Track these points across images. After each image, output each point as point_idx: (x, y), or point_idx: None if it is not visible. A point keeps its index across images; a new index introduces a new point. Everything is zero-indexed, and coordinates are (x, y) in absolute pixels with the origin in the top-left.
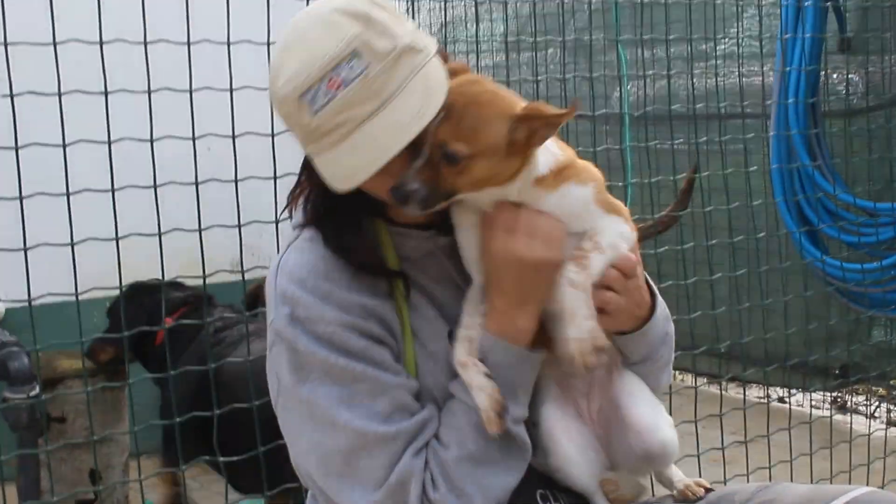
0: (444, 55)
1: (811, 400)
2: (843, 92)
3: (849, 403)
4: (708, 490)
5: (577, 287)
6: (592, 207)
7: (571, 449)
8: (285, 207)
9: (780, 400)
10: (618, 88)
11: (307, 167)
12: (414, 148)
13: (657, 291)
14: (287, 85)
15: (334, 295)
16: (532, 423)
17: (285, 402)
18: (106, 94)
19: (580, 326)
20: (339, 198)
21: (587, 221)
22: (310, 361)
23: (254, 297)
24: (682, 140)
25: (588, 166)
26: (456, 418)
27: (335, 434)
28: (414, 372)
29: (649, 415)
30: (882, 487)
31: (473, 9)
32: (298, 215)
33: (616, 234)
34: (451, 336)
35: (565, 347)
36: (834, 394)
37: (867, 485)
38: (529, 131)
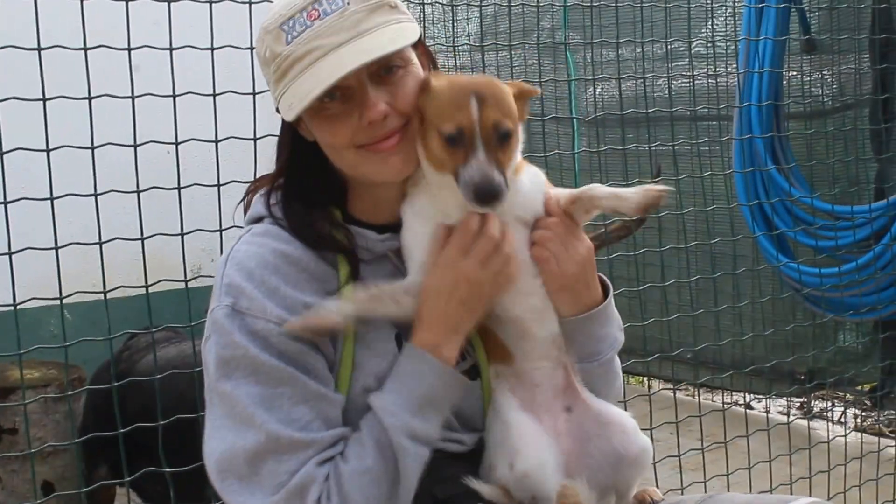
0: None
1: (768, 405)
2: (807, 94)
3: (815, 409)
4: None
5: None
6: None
7: (541, 452)
8: (241, 202)
9: (748, 406)
10: (587, 89)
11: (284, 154)
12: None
13: (611, 295)
14: (273, 17)
15: (280, 291)
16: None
17: (210, 395)
18: (44, 100)
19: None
20: (310, 183)
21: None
22: (238, 357)
23: None
24: (634, 144)
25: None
26: (361, 433)
27: (248, 433)
28: (348, 373)
29: (629, 419)
30: (844, 493)
31: (447, 8)
32: (254, 209)
33: None
34: (399, 339)
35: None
36: (801, 399)
37: (828, 491)
38: (521, 106)
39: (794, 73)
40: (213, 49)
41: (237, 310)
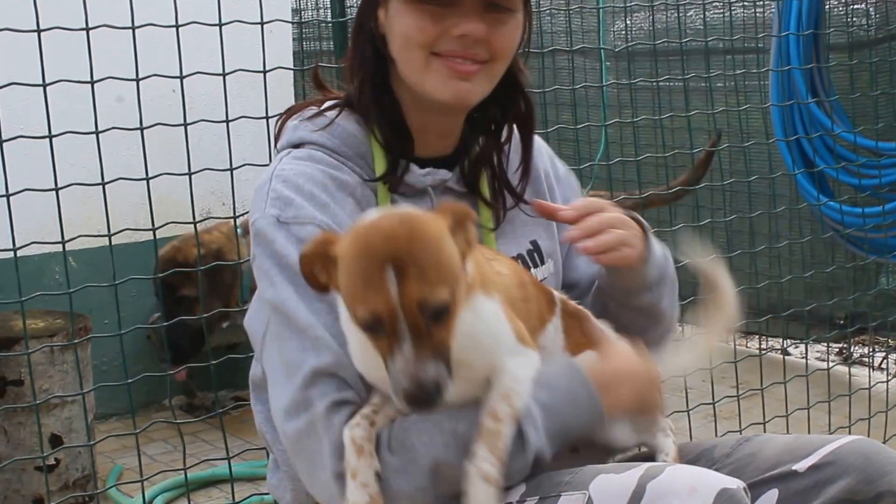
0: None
1: (807, 351)
2: (849, 23)
3: (855, 354)
4: None
5: (490, 482)
6: (503, 329)
7: None
8: (278, 124)
9: (785, 351)
10: (615, 22)
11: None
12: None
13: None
14: None
15: (330, 208)
16: None
17: (262, 305)
18: (39, 31)
19: None
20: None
21: (489, 354)
22: (283, 265)
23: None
24: (667, 77)
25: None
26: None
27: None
28: None
29: None
30: (884, 441)
31: None
32: (294, 134)
33: (526, 381)
34: None
35: None
36: (840, 344)
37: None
38: (465, 234)
39: (836, 1)
40: None
41: (282, 221)
